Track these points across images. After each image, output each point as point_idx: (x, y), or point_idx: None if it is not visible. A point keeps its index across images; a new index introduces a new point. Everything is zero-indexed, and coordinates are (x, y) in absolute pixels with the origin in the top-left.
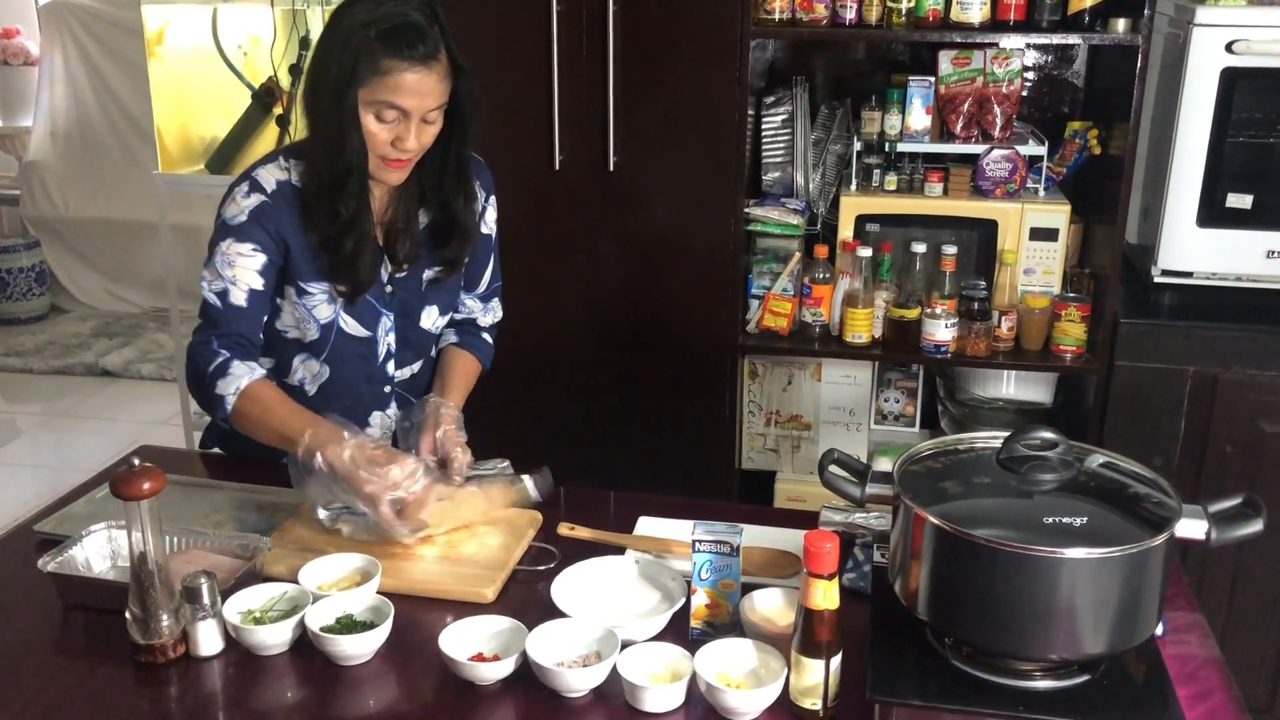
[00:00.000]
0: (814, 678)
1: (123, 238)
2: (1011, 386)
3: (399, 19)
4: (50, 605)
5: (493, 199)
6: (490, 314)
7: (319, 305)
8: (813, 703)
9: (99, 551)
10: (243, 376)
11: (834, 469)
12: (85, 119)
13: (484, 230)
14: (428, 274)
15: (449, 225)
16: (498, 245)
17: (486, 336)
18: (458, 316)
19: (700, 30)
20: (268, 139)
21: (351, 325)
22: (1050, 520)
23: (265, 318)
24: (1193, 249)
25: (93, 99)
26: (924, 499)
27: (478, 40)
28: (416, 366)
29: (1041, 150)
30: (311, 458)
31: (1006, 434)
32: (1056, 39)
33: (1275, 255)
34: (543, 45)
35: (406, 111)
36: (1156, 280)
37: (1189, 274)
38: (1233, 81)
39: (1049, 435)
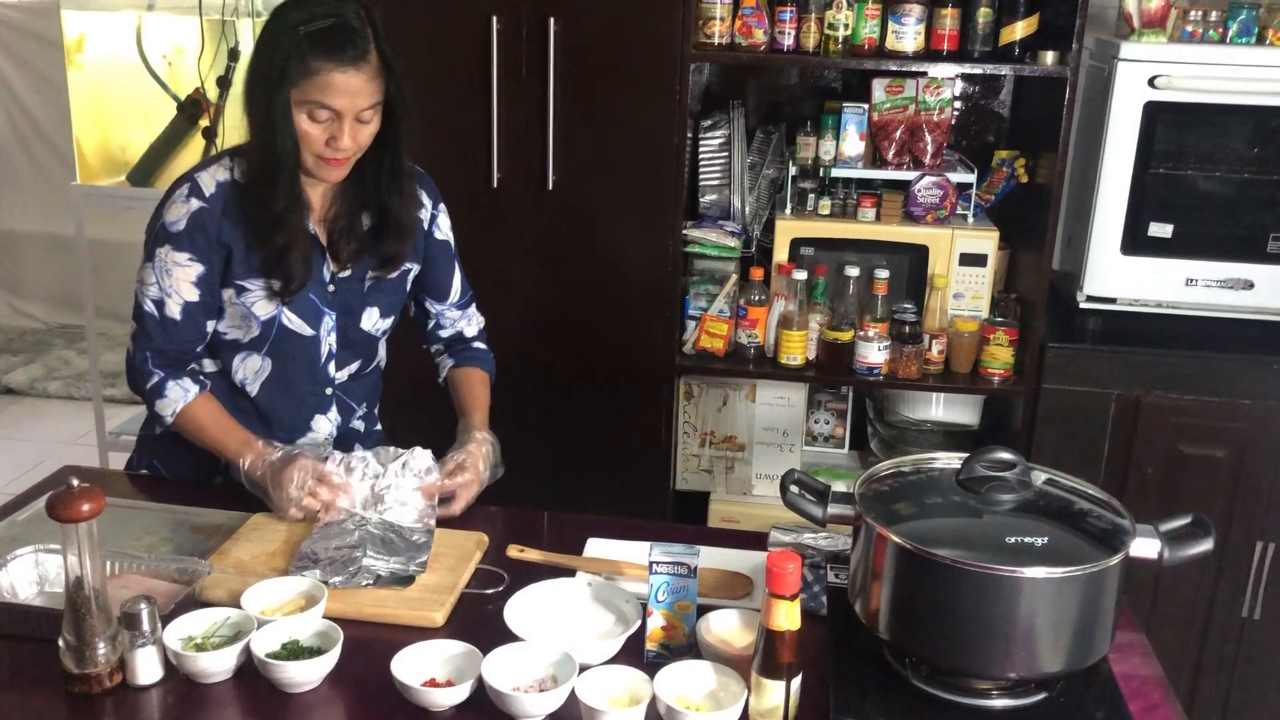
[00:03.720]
0: (774, 699)
1: (28, 251)
2: (940, 409)
3: (330, 20)
4: None
5: (443, 206)
6: (474, 322)
7: (258, 302)
8: None
9: (25, 577)
10: (177, 400)
11: (795, 489)
12: None
13: (439, 237)
14: (369, 274)
15: (386, 224)
16: (458, 253)
17: (479, 345)
18: (444, 334)
19: (641, 52)
20: (193, 151)
21: (296, 323)
22: (1013, 540)
23: (206, 326)
24: (1117, 276)
25: None
26: (886, 519)
27: (417, 55)
28: (354, 366)
29: (971, 178)
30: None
31: (964, 455)
32: (989, 69)
33: (1194, 283)
34: (483, 62)
35: (338, 111)
36: (1082, 306)
37: (1113, 300)
38: (1155, 115)
39: (1006, 456)
